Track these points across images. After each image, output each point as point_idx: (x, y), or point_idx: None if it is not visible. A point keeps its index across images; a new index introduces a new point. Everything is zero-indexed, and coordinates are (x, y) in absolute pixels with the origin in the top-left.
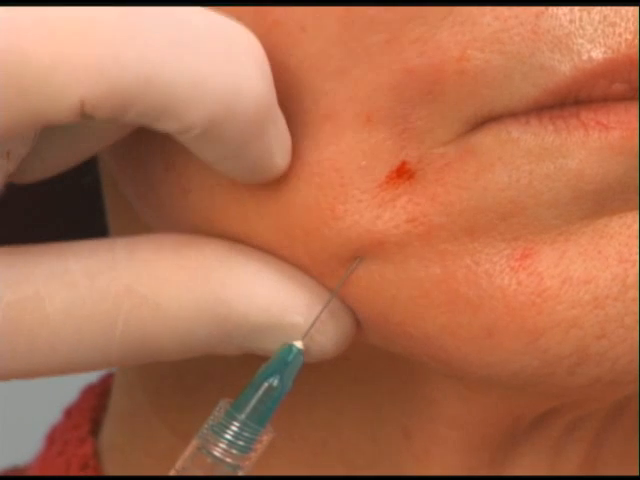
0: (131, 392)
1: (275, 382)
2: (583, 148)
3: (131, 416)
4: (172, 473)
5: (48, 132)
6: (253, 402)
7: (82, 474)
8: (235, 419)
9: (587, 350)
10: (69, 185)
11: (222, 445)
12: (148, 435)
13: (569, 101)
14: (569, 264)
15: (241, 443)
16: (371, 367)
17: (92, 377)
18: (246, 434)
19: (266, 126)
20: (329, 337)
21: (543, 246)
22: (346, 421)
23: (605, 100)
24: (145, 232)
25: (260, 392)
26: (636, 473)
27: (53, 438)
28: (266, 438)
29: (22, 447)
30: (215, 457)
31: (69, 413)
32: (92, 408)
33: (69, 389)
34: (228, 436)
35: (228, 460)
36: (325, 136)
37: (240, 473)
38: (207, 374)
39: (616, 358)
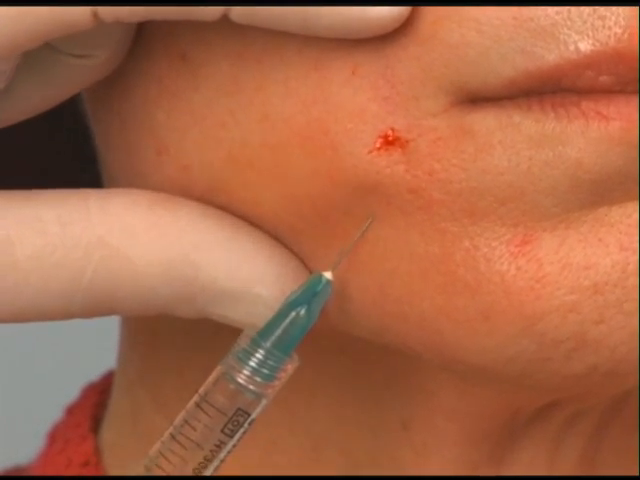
0: (132, 390)
1: (302, 311)
2: (582, 137)
3: (132, 414)
4: (195, 398)
5: (22, 70)
6: (279, 331)
7: (83, 471)
8: (260, 347)
9: (585, 335)
10: (69, 184)
11: (246, 372)
12: (150, 433)
13: (549, 88)
14: (569, 251)
15: (265, 371)
16: (369, 360)
17: (94, 375)
18: (271, 362)
19: None
20: None
21: (543, 233)
22: (346, 414)
23: (591, 91)
24: None
25: (287, 321)
26: (636, 468)
27: (54, 436)
28: (290, 367)
29: (24, 446)
30: (238, 384)
31: (70, 411)
32: (93, 405)
33: (71, 388)
34: (253, 363)
35: (251, 387)
36: (310, 92)
37: (263, 401)
38: (209, 370)
39: (615, 346)
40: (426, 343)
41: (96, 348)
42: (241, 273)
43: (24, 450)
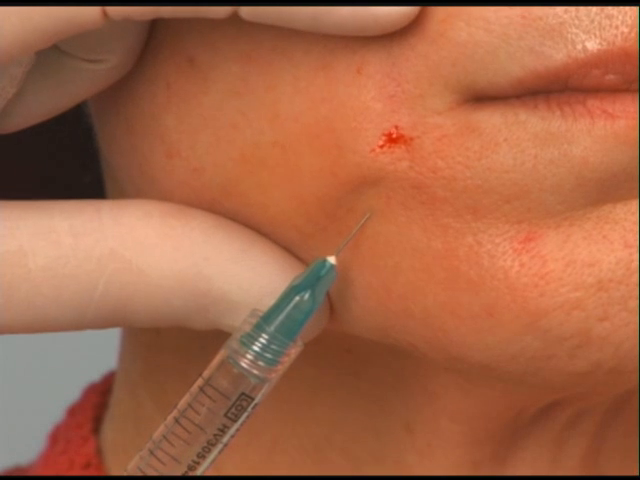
0: (134, 391)
1: (306, 296)
2: (588, 136)
3: (134, 415)
4: (199, 381)
5: (33, 75)
6: (283, 315)
7: (84, 473)
8: (264, 331)
9: (589, 332)
10: (70, 185)
11: (250, 357)
12: (152, 434)
13: (556, 87)
14: (573, 247)
15: (269, 355)
16: (372, 361)
17: (95, 376)
18: (274, 347)
19: None
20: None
21: (547, 230)
22: (349, 416)
23: (597, 90)
24: None
25: (291, 306)
26: (637, 467)
27: (56, 437)
28: (294, 351)
29: (25, 447)
30: (242, 368)
31: (72, 412)
32: (95, 406)
33: (72, 388)
34: (256, 348)
35: (255, 372)
36: (318, 90)
37: (266, 385)
38: None
39: (619, 343)
40: (430, 340)
41: (97, 349)
42: (253, 286)
43: (25, 451)
